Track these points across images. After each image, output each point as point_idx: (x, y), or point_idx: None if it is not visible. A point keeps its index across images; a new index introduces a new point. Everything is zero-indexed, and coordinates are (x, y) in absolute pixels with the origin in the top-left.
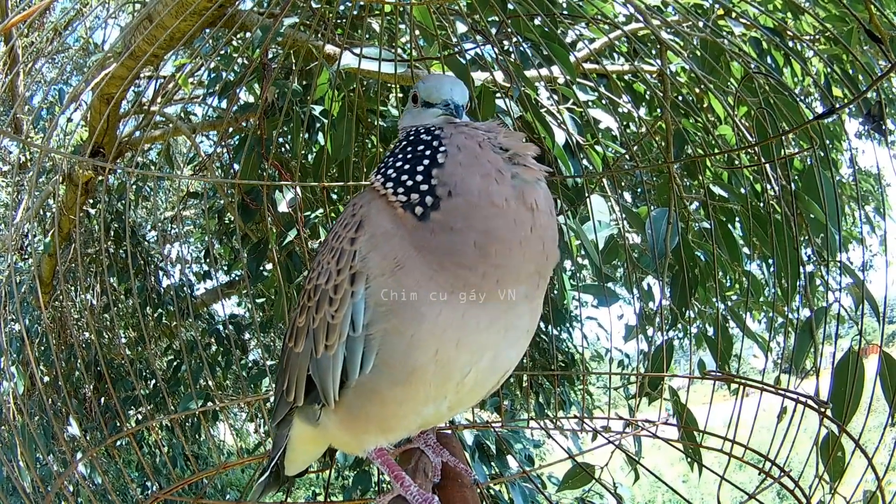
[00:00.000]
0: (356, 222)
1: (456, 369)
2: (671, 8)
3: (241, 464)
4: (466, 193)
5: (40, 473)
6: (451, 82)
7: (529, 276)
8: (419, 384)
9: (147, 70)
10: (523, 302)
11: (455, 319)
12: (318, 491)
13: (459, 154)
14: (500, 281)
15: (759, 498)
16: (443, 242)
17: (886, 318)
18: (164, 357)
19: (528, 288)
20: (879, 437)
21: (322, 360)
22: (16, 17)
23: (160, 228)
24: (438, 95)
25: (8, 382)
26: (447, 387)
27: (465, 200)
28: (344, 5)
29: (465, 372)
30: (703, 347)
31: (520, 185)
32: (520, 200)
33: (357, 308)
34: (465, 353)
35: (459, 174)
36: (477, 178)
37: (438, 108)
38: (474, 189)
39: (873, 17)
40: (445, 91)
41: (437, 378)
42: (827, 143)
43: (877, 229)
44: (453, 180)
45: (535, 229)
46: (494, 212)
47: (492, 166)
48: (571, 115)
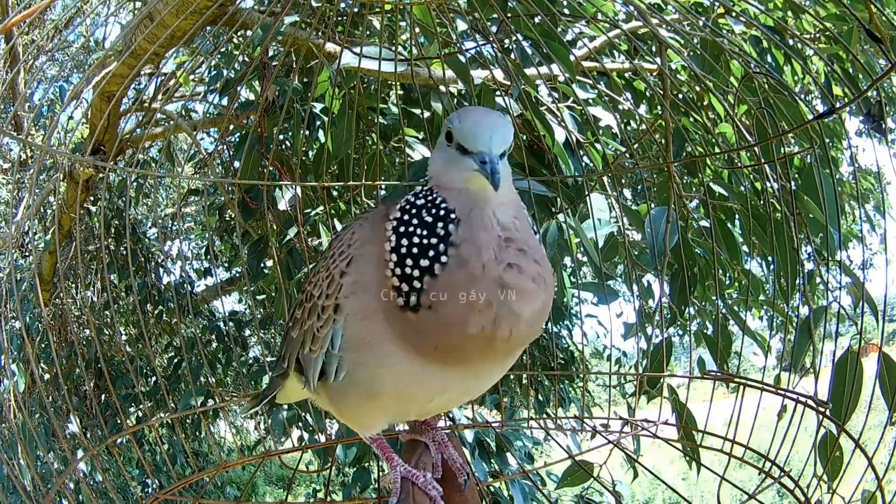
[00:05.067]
0: (349, 256)
1: (419, 399)
2: (671, 7)
3: (241, 463)
4: (445, 316)
5: (40, 471)
6: (491, 127)
7: (500, 357)
8: (385, 402)
9: (148, 68)
10: (492, 366)
11: (415, 373)
12: (318, 488)
13: (457, 271)
14: (463, 362)
15: (758, 498)
16: (410, 331)
17: (886, 316)
18: (165, 354)
19: (500, 360)
20: (879, 436)
21: (307, 356)
22: (16, 17)
23: (160, 225)
24: (475, 144)
25: (8, 380)
26: (410, 407)
27: (442, 321)
28: (344, 3)
29: (429, 400)
30: (703, 345)
31: (505, 314)
32: (496, 330)
33: (336, 333)
34: (426, 391)
35: (447, 290)
36: (460, 306)
37: (474, 162)
38: (453, 317)
39: (873, 16)
40: (484, 139)
41: (401, 401)
42: (827, 142)
43: (877, 227)
44: (439, 296)
45: (511, 342)
46: (466, 340)
47: (482, 290)
48: (571, 114)
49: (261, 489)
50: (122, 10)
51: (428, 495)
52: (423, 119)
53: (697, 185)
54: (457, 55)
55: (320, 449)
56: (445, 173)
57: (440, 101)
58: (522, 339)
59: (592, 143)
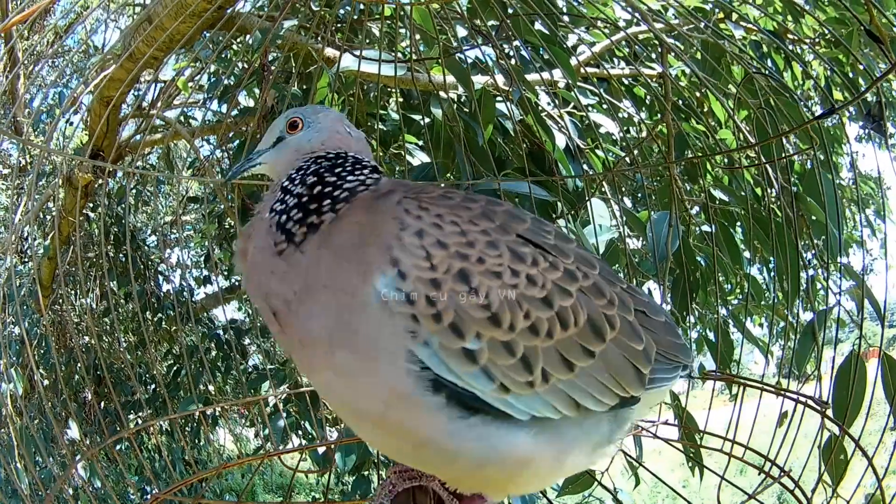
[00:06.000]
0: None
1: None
2: (671, 12)
3: (241, 464)
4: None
5: (40, 476)
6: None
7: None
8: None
9: (147, 74)
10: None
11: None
12: (318, 496)
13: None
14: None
15: (758, 498)
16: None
17: (886, 321)
18: (164, 361)
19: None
20: (879, 439)
21: None
22: (16, 17)
23: (160, 233)
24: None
25: (7, 385)
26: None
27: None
28: (343, 9)
29: (329, 397)
30: (704, 352)
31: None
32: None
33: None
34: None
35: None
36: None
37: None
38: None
39: (874, 17)
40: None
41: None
42: (827, 146)
43: (877, 232)
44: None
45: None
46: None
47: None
48: (572, 119)
49: (260, 496)
50: (122, 16)
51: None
52: (423, 125)
53: (698, 190)
54: (457, 57)
55: (319, 457)
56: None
57: (440, 106)
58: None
59: (593, 149)
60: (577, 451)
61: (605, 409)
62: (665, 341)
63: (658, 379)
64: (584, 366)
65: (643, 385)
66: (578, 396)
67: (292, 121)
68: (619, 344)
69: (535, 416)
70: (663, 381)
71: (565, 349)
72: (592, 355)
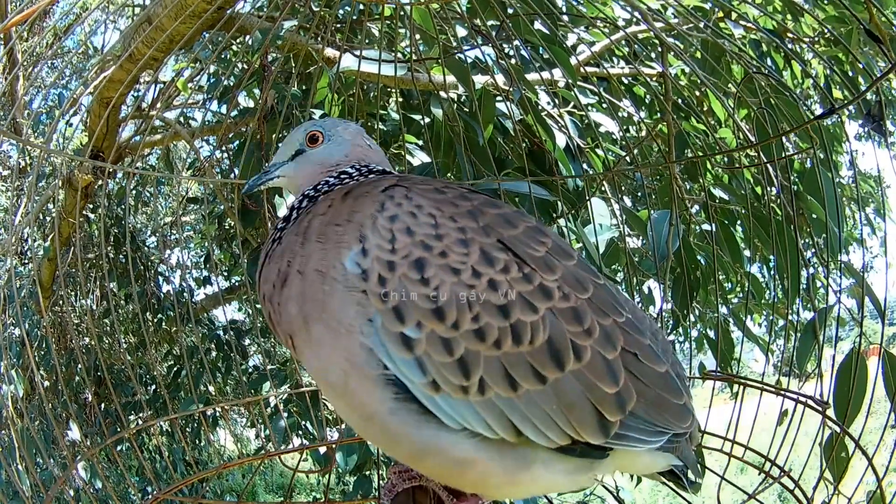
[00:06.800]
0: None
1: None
2: (671, 11)
3: (241, 464)
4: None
5: (41, 478)
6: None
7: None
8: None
9: (146, 75)
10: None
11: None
12: (318, 496)
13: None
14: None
15: (759, 498)
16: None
17: (886, 319)
18: (165, 362)
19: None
20: (879, 438)
21: None
22: (15, 17)
23: (160, 234)
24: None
25: (7, 386)
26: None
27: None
28: (343, 9)
29: (312, 374)
30: (704, 350)
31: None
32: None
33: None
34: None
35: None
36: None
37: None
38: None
39: (873, 17)
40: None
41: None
42: (827, 145)
43: (877, 231)
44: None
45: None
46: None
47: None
48: (572, 119)
49: (260, 497)
50: (121, 17)
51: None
52: (423, 125)
53: (698, 189)
54: (457, 57)
55: (320, 457)
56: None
57: (440, 106)
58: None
59: (593, 149)
60: (541, 470)
61: (552, 446)
62: (655, 397)
63: (630, 437)
64: (529, 388)
65: (605, 435)
66: (517, 420)
67: (312, 134)
68: (580, 378)
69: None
70: (638, 441)
71: (511, 365)
72: (543, 381)
